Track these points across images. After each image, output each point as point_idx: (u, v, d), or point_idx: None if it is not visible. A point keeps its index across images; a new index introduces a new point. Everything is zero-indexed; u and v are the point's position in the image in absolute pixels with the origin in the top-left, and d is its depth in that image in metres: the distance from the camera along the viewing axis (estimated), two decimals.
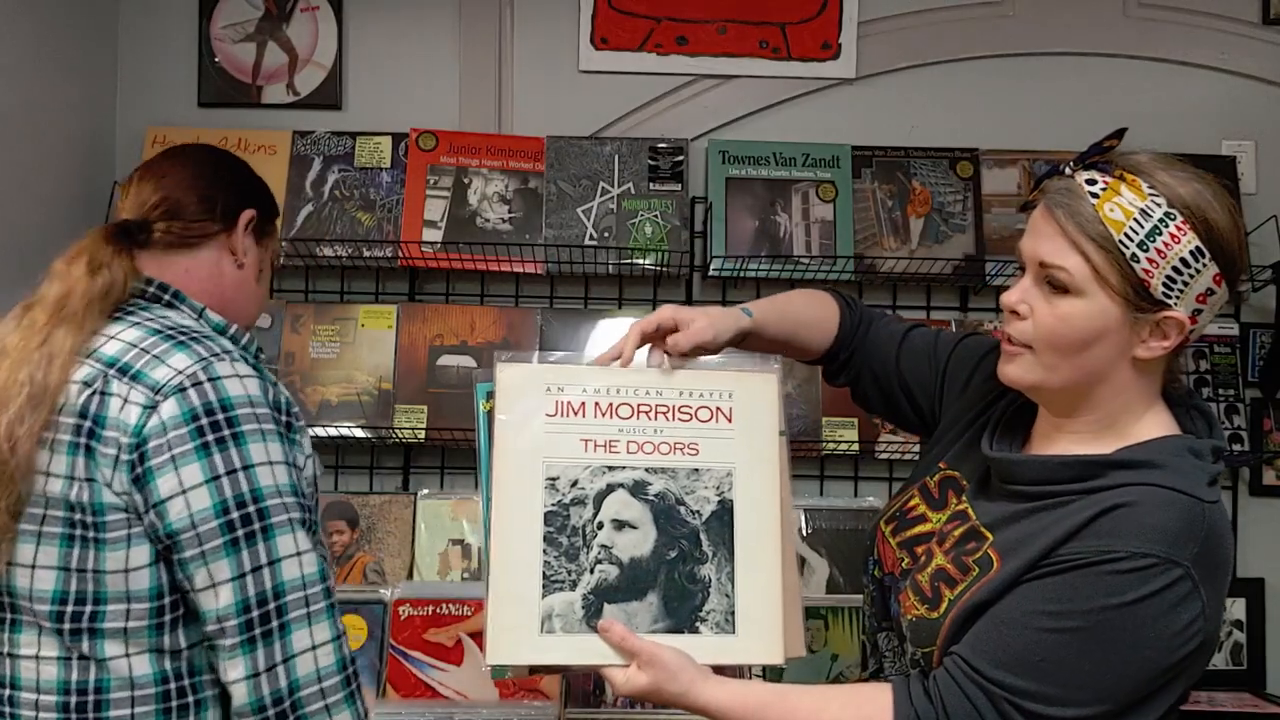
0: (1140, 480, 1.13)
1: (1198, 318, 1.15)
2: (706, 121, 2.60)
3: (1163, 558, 1.08)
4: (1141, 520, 1.10)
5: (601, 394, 1.30)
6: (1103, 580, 1.09)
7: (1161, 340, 1.15)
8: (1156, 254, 1.11)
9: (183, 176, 1.40)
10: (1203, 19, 2.60)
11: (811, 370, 2.43)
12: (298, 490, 1.26)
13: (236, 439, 1.22)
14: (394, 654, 2.16)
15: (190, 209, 1.39)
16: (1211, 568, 1.11)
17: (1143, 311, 1.13)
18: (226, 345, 1.30)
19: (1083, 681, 1.09)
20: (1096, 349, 1.15)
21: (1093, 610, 1.09)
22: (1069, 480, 1.17)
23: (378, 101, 2.60)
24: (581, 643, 1.24)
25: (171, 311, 1.34)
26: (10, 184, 2.20)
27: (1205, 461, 1.17)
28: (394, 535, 2.38)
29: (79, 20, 2.45)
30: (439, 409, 2.41)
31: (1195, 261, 1.12)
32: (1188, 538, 1.10)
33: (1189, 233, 1.12)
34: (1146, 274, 1.12)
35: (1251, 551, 2.53)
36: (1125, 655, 1.09)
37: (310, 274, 2.54)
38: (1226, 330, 2.52)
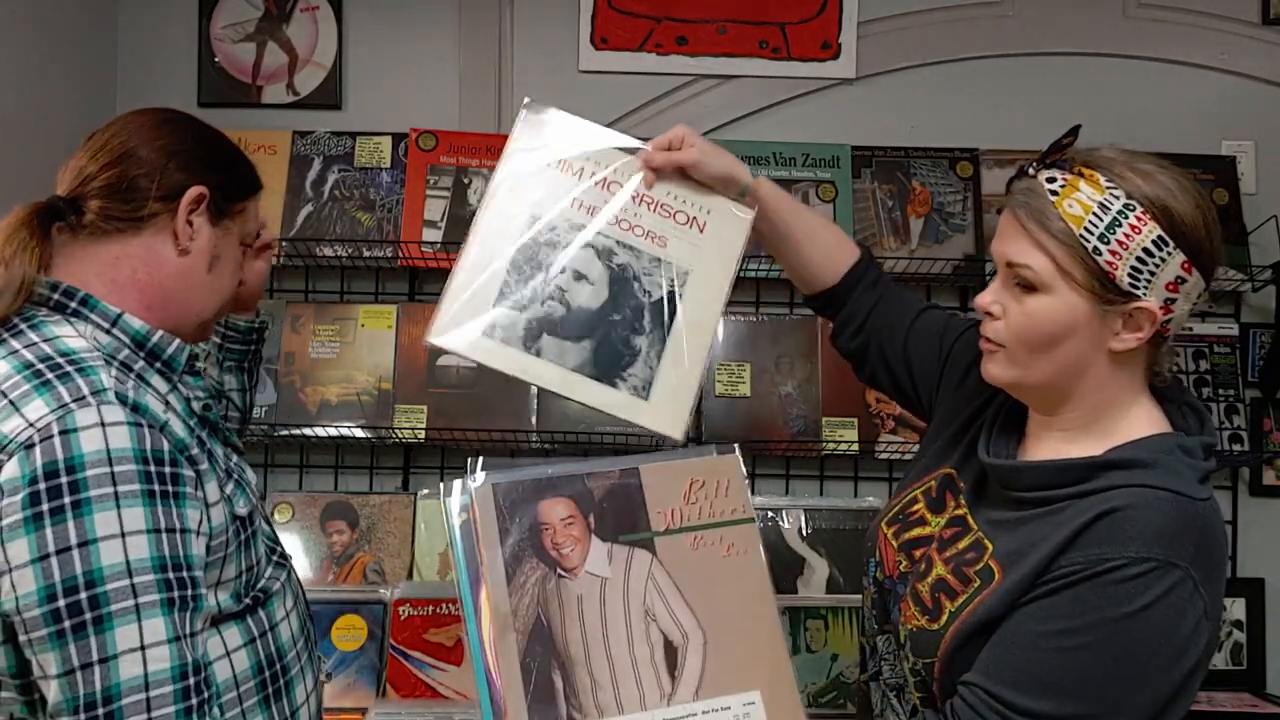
0: (1132, 482, 1.12)
1: (1172, 307, 1.14)
2: (706, 121, 2.60)
3: (1161, 560, 1.08)
4: (1136, 524, 1.10)
5: (602, 168, 1.44)
6: (1106, 591, 1.08)
7: (1135, 331, 1.15)
8: (1119, 245, 1.12)
9: (125, 145, 1.22)
10: (1203, 19, 2.60)
11: (811, 370, 2.44)
12: (169, 562, 1.06)
13: (78, 507, 1.02)
14: (394, 654, 2.16)
15: (128, 184, 1.20)
16: (1209, 567, 1.11)
17: (1111, 304, 1.14)
18: (102, 383, 1.09)
19: (1104, 696, 1.08)
20: (1068, 344, 1.16)
21: (1102, 623, 1.08)
22: (1064, 485, 1.16)
23: (378, 101, 2.60)
24: (513, 358, 1.35)
25: (67, 326, 1.15)
26: (10, 184, 2.20)
27: (1197, 459, 1.16)
28: (394, 535, 2.38)
29: (79, 20, 2.45)
30: (439, 409, 2.41)
31: (1159, 250, 1.12)
32: (1183, 538, 1.09)
33: (1150, 222, 1.12)
34: (1110, 266, 1.12)
35: (1251, 551, 2.53)
36: (1141, 663, 1.08)
37: (310, 274, 2.54)
38: (1226, 330, 2.52)
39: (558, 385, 1.36)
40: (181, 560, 1.08)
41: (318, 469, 2.53)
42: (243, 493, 1.24)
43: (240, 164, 1.32)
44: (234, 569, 1.21)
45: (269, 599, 1.28)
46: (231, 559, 1.20)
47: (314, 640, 1.41)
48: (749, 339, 2.47)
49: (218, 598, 1.19)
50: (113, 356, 1.16)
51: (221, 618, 1.20)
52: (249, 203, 1.32)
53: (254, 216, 1.35)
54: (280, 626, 1.29)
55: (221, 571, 1.19)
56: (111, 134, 1.24)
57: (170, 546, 1.07)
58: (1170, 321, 1.15)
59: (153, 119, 1.27)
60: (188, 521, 1.10)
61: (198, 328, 1.30)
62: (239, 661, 1.21)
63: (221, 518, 1.17)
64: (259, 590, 1.26)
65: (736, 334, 2.47)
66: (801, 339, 2.47)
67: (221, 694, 1.18)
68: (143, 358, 1.20)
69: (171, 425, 1.14)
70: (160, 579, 1.06)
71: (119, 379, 1.12)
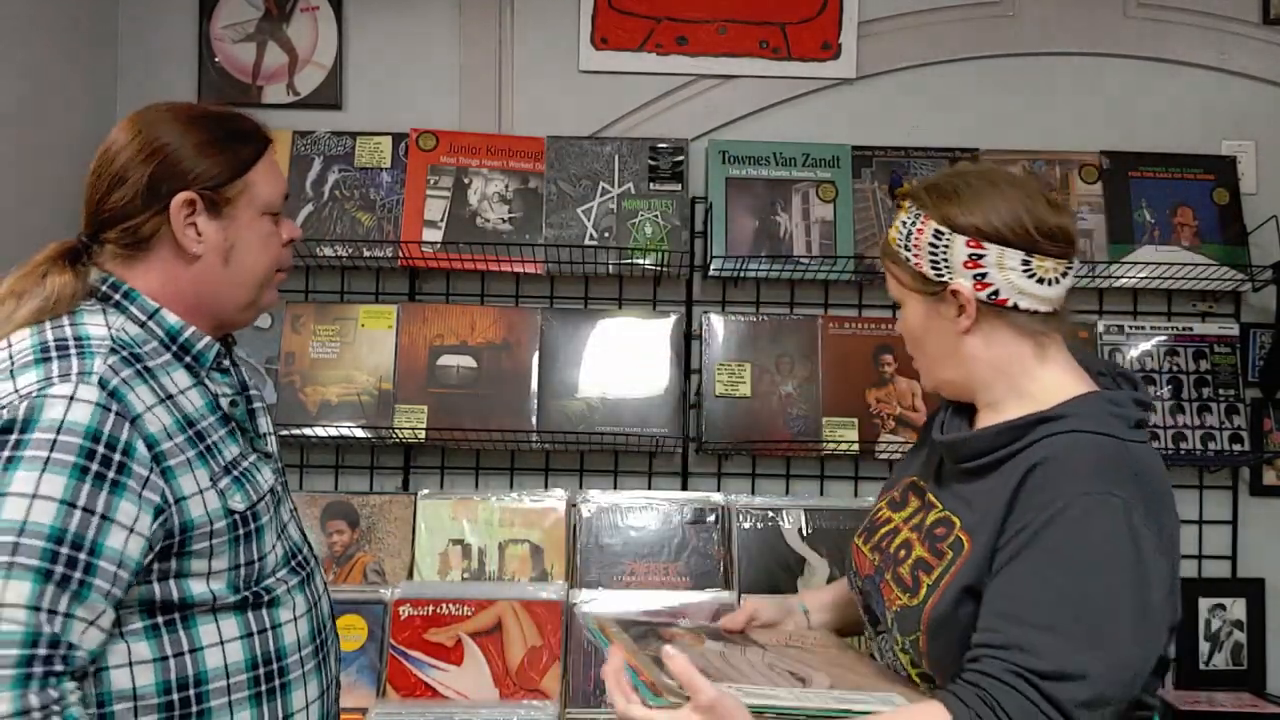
0: (1059, 430, 1.22)
1: (986, 280, 1.27)
2: (706, 121, 2.60)
3: (1099, 493, 1.16)
4: (1069, 466, 1.19)
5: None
6: (1060, 537, 1.16)
7: (962, 310, 1.29)
8: (914, 246, 1.31)
9: (110, 169, 1.26)
10: (1203, 19, 2.60)
11: (812, 369, 2.44)
12: (69, 538, 1.08)
13: (9, 463, 1.09)
14: (394, 654, 2.16)
15: (121, 212, 1.25)
16: (1148, 499, 1.18)
17: (933, 294, 1.31)
18: (92, 366, 1.16)
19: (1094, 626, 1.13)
20: (930, 339, 1.34)
21: (1068, 564, 1.15)
22: (1001, 447, 1.26)
23: (378, 101, 2.60)
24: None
25: (100, 316, 1.23)
26: (10, 184, 2.20)
27: (1125, 409, 1.25)
28: (394, 535, 2.38)
29: (79, 20, 2.45)
30: (439, 409, 2.41)
31: (940, 240, 1.29)
32: (1116, 472, 1.18)
33: (927, 221, 1.30)
34: (917, 263, 1.31)
35: (1252, 551, 2.53)
36: (1114, 589, 1.14)
37: (310, 274, 2.54)
38: (1226, 330, 2.52)
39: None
40: (85, 541, 1.10)
41: (318, 469, 2.53)
42: (240, 489, 1.25)
43: (225, 143, 1.29)
44: (227, 560, 1.23)
45: (274, 599, 1.29)
46: (222, 550, 1.22)
47: (330, 651, 1.41)
48: (749, 339, 2.47)
49: (211, 586, 1.22)
50: (126, 347, 1.21)
51: (219, 607, 1.23)
52: (250, 175, 1.30)
53: (267, 181, 1.32)
54: (284, 628, 1.30)
55: (211, 562, 1.22)
56: (99, 160, 1.28)
57: (79, 524, 1.09)
58: (997, 292, 1.27)
59: (128, 131, 1.28)
60: (114, 510, 1.12)
61: (244, 309, 1.34)
62: (232, 653, 1.24)
63: (204, 510, 1.20)
64: (261, 588, 1.27)
65: (736, 334, 2.47)
66: (801, 339, 2.47)
67: (209, 680, 1.22)
68: (173, 352, 1.26)
69: (147, 419, 1.17)
70: (47, 548, 1.08)
71: (113, 367, 1.17)
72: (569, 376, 2.45)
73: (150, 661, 1.19)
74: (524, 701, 2.11)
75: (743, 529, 2.37)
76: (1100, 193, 2.51)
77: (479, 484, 2.53)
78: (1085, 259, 2.46)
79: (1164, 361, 2.50)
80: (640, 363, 2.45)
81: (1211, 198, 2.51)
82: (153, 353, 1.23)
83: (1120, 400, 1.27)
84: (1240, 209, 2.51)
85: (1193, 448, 2.45)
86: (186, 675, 1.20)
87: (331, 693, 1.40)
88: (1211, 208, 2.51)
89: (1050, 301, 1.29)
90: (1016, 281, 1.27)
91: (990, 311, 1.29)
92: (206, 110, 1.35)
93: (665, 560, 2.35)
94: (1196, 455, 2.45)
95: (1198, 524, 2.53)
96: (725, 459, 2.54)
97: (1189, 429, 2.46)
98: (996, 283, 1.27)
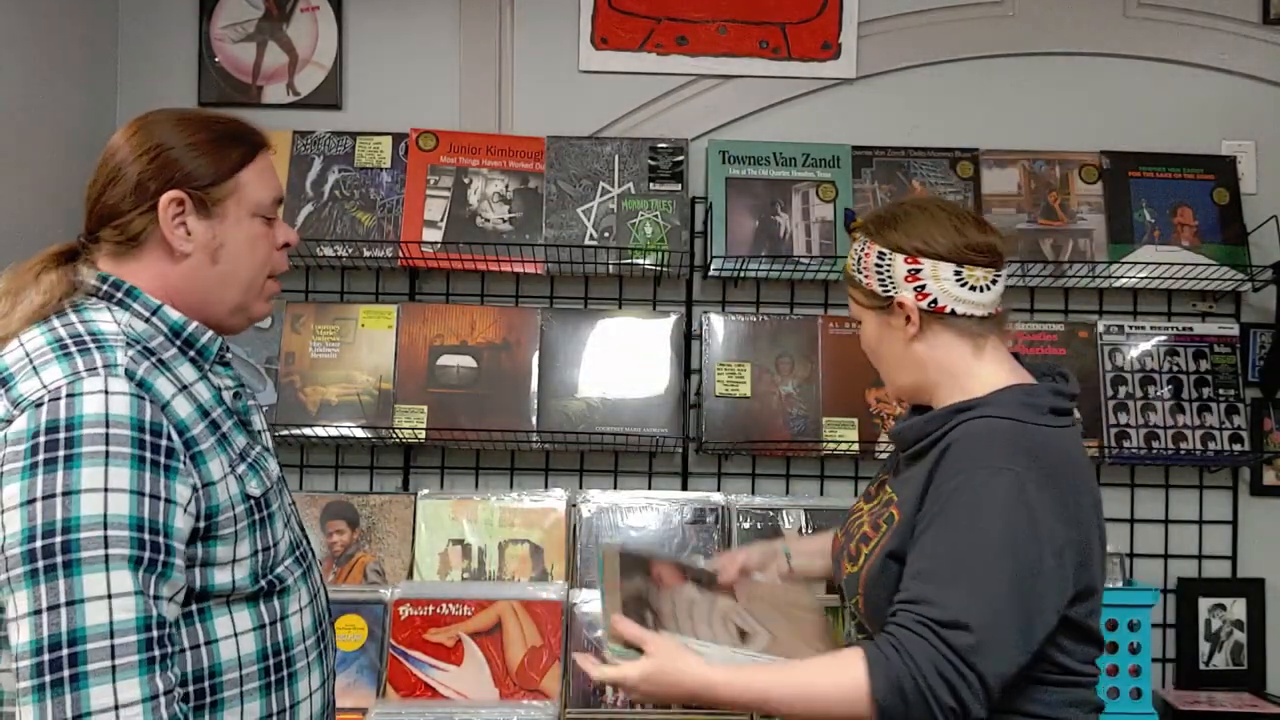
0: (972, 416, 1.41)
1: (926, 291, 1.46)
2: (706, 121, 2.60)
3: (994, 467, 1.33)
4: (973, 446, 1.37)
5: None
6: (960, 505, 1.33)
7: (907, 320, 1.48)
8: (864, 268, 1.51)
9: (107, 169, 1.29)
10: (1203, 19, 2.60)
11: (811, 370, 2.44)
12: (146, 524, 1.12)
13: (70, 460, 1.10)
14: (394, 654, 2.16)
15: (112, 211, 1.28)
16: (1046, 474, 1.34)
17: (883, 308, 1.50)
18: (116, 359, 1.18)
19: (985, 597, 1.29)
20: (885, 349, 1.53)
21: (970, 531, 1.32)
22: (931, 433, 1.44)
23: (378, 101, 2.60)
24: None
25: (106, 313, 1.25)
26: (10, 184, 2.20)
27: (1038, 398, 1.42)
28: (394, 535, 2.38)
29: (79, 20, 2.45)
30: (439, 409, 2.41)
31: (883, 260, 1.48)
32: (1011, 449, 1.35)
33: (873, 245, 1.50)
34: (868, 283, 1.50)
35: (1252, 551, 2.53)
36: (1006, 563, 1.29)
37: (310, 274, 2.54)
38: (1226, 330, 2.52)
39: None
40: (160, 525, 1.13)
41: (318, 469, 2.53)
42: (255, 475, 1.28)
43: (216, 144, 1.31)
44: (248, 547, 1.25)
45: (284, 589, 1.31)
46: (244, 535, 1.24)
47: (329, 642, 1.43)
48: (749, 339, 2.47)
49: (234, 575, 1.23)
50: (138, 341, 1.23)
51: (235, 598, 1.24)
52: (240, 176, 1.31)
53: (259, 184, 1.34)
54: (291, 619, 1.32)
55: (236, 548, 1.23)
56: (101, 159, 1.31)
57: (150, 510, 1.13)
58: (936, 301, 1.45)
59: (126, 132, 1.31)
60: (174, 493, 1.15)
61: (233, 313, 1.35)
62: (245, 645, 1.25)
63: (227, 495, 1.22)
64: (275, 576, 1.29)
65: (736, 334, 2.47)
66: (801, 339, 2.47)
67: (223, 672, 1.23)
68: (177, 346, 1.27)
69: (174, 406, 1.20)
70: (134, 536, 1.11)
71: (134, 359, 1.20)
72: (569, 376, 2.45)
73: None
74: (524, 701, 2.11)
75: (743, 529, 2.37)
76: (1100, 193, 2.51)
77: (479, 484, 2.53)
78: (1085, 259, 2.47)
79: (1164, 361, 2.50)
80: (640, 363, 2.45)
81: (1211, 198, 2.51)
82: (160, 348, 1.25)
83: (1035, 391, 1.44)
84: (1240, 209, 2.51)
85: (1193, 448, 2.45)
86: (202, 667, 1.21)
87: (330, 683, 1.42)
88: (1211, 208, 2.51)
89: (984, 306, 1.47)
90: (951, 290, 1.46)
91: (932, 318, 1.47)
92: (204, 114, 1.37)
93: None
94: (1196, 455, 2.45)
95: (1198, 524, 2.54)
96: (725, 459, 2.54)
97: (1189, 429, 2.46)
98: (934, 292, 1.46)
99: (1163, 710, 2.34)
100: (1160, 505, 2.54)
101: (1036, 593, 1.30)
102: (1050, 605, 1.32)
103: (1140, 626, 2.28)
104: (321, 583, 1.44)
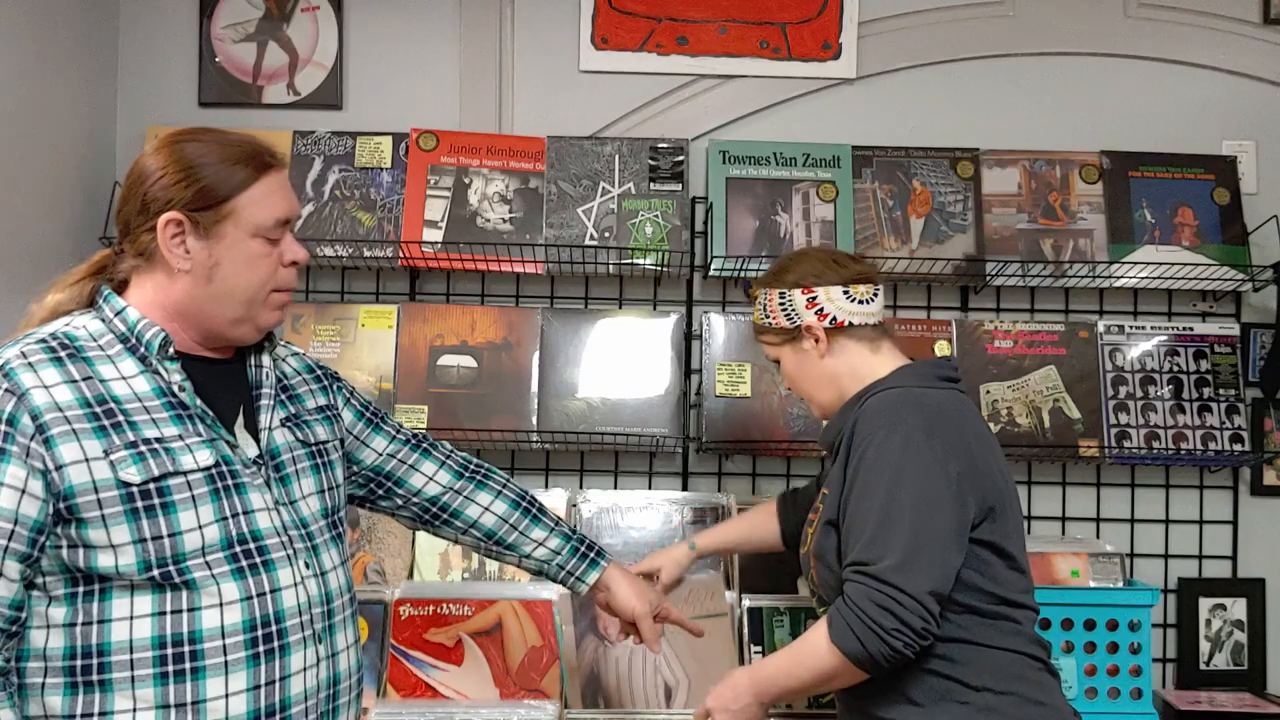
0: (870, 395, 1.68)
1: (825, 312, 1.74)
2: (706, 121, 2.60)
3: (888, 424, 1.58)
4: (870, 413, 1.63)
5: None
6: (866, 465, 1.57)
7: (816, 340, 1.75)
8: (770, 312, 1.78)
9: (128, 185, 1.39)
10: (1203, 19, 2.60)
11: None
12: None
13: None
14: (394, 654, 2.16)
15: (124, 226, 1.39)
16: (932, 421, 1.57)
17: (793, 338, 1.78)
18: (3, 355, 1.31)
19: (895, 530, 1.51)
20: (804, 373, 1.78)
21: (878, 480, 1.55)
22: (844, 424, 1.68)
23: (378, 101, 2.60)
24: None
25: (77, 318, 1.37)
26: (10, 184, 2.20)
27: (922, 370, 1.70)
28: (394, 535, 2.37)
29: (79, 20, 2.45)
30: (439, 409, 2.41)
31: (784, 298, 1.77)
32: (901, 409, 1.60)
33: (772, 291, 1.78)
34: (777, 321, 1.78)
35: (1252, 551, 2.53)
36: (906, 498, 1.52)
37: (310, 274, 2.54)
38: (1227, 330, 2.52)
39: None
40: (14, 513, 1.23)
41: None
42: (139, 462, 1.29)
43: (218, 167, 1.36)
44: (127, 534, 1.27)
45: (188, 581, 1.30)
46: (120, 521, 1.27)
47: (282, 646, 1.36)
48: (749, 339, 2.47)
49: (117, 560, 1.27)
50: (68, 340, 1.33)
51: (138, 583, 1.28)
52: (241, 198, 1.36)
53: (263, 205, 1.38)
54: (204, 613, 1.30)
55: (110, 533, 1.27)
56: (125, 175, 1.40)
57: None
58: (835, 318, 1.73)
59: (149, 149, 1.40)
60: (2, 475, 1.25)
61: (234, 325, 1.41)
62: (139, 629, 1.28)
63: (87, 477, 1.27)
64: (179, 568, 1.29)
65: (736, 334, 2.47)
66: None
67: (111, 653, 1.28)
68: (129, 344, 1.36)
69: (33, 394, 1.27)
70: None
71: (25, 353, 1.30)
72: (569, 376, 2.45)
73: (61, 626, 1.28)
74: (524, 701, 2.11)
75: None
76: (1100, 193, 2.51)
77: None
78: (1085, 259, 2.47)
79: (1164, 361, 2.50)
80: (640, 363, 2.45)
81: (1212, 198, 2.51)
82: (106, 345, 1.35)
83: (919, 367, 1.72)
84: (1240, 209, 2.51)
85: (1193, 448, 2.45)
86: (91, 644, 1.27)
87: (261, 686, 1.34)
88: (1212, 208, 2.51)
89: (873, 315, 1.75)
90: (844, 306, 1.74)
91: (835, 333, 1.75)
92: (219, 136, 1.41)
93: None
94: (1197, 455, 2.45)
95: (1198, 524, 2.54)
96: (725, 459, 2.54)
97: (1189, 429, 2.46)
98: (831, 311, 1.74)
99: (1163, 710, 2.34)
100: (1160, 505, 2.54)
101: (941, 514, 1.52)
102: (956, 524, 1.53)
103: (1141, 626, 2.28)
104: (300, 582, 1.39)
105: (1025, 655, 1.59)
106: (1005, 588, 1.59)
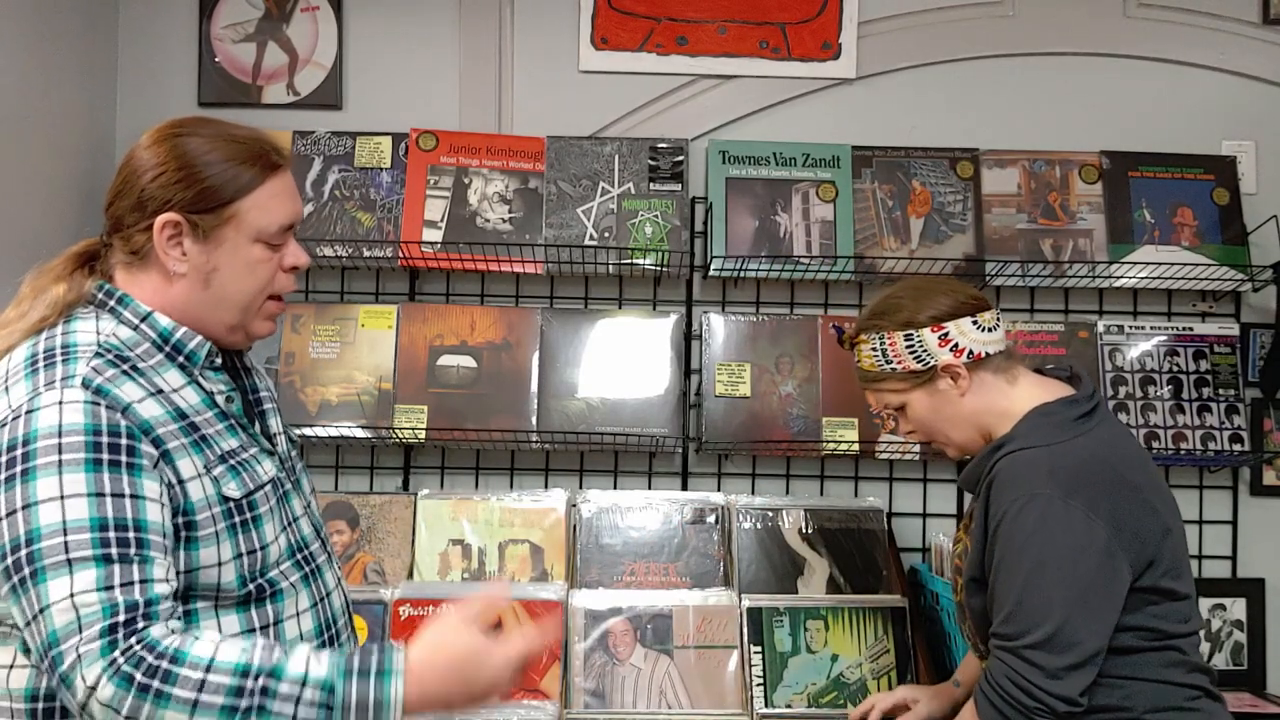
0: (1002, 454, 1.59)
1: (959, 348, 1.65)
2: (706, 121, 2.60)
3: (1024, 495, 1.51)
4: (1003, 481, 1.56)
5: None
6: (1005, 539, 1.53)
7: (955, 379, 1.66)
8: (894, 356, 1.68)
9: (121, 179, 1.30)
10: (1203, 19, 2.60)
11: (812, 369, 2.44)
12: (111, 523, 1.14)
13: (26, 475, 1.14)
14: None
15: (118, 222, 1.29)
16: (1075, 485, 1.50)
17: (927, 380, 1.67)
18: (75, 370, 1.20)
19: (1035, 607, 1.49)
20: (942, 416, 1.69)
21: (1016, 560, 1.51)
22: (981, 473, 1.62)
23: (378, 101, 2.60)
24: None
25: (93, 321, 1.27)
26: (10, 184, 2.20)
27: (1054, 414, 1.59)
28: (394, 535, 2.37)
29: (79, 20, 2.45)
30: (439, 409, 2.41)
31: (911, 339, 1.66)
32: (1035, 474, 1.52)
33: (893, 334, 1.67)
34: (904, 366, 1.67)
35: (1252, 551, 2.53)
36: (1046, 574, 1.49)
37: (310, 274, 2.54)
38: (1226, 330, 2.52)
39: None
40: (127, 521, 1.15)
41: (318, 469, 2.52)
42: (235, 476, 1.27)
43: (222, 167, 1.28)
44: (230, 549, 1.25)
45: (276, 593, 1.30)
46: (225, 536, 1.24)
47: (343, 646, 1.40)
48: (749, 339, 2.47)
49: (220, 578, 1.24)
50: (113, 350, 1.24)
51: (224, 603, 1.24)
52: (243, 202, 1.29)
53: (265, 209, 1.31)
54: (286, 624, 1.31)
55: (219, 548, 1.24)
56: (119, 165, 1.32)
57: (115, 509, 1.15)
58: (971, 351, 1.64)
59: (147, 140, 1.31)
60: (140, 489, 1.17)
61: (230, 331, 1.35)
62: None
63: (202, 494, 1.23)
64: (266, 580, 1.28)
65: (736, 334, 2.47)
66: (801, 339, 2.47)
67: None
68: (165, 352, 1.29)
69: (138, 409, 1.20)
70: (95, 537, 1.13)
71: (96, 369, 1.21)
72: (569, 376, 2.45)
73: None
74: (524, 701, 2.11)
75: (743, 529, 2.37)
76: (1100, 193, 2.51)
77: (479, 484, 2.53)
78: (1085, 259, 2.47)
79: (1164, 361, 2.50)
80: (640, 363, 2.45)
81: (1211, 198, 2.51)
82: (145, 354, 1.27)
83: (1051, 409, 1.60)
84: (1240, 209, 2.51)
85: (1193, 448, 2.45)
86: None
87: None
88: (1211, 208, 2.51)
89: (1001, 341, 1.67)
90: (977, 337, 1.65)
91: (974, 368, 1.65)
92: (225, 132, 1.33)
93: (665, 560, 2.35)
94: (1196, 455, 2.45)
95: (1198, 524, 2.53)
96: (725, 459, 2.54)
97: (1189, 429, 2.46)
98: (966, 345, 1.65)
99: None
100: None
101: (1086, 584, 1.48)
102: (1104, 590, 1.49)
103: None
104: (338, 585, 1.42)
105: (1185, 686, 1.56)
106: (1168, 621, 1.55)
